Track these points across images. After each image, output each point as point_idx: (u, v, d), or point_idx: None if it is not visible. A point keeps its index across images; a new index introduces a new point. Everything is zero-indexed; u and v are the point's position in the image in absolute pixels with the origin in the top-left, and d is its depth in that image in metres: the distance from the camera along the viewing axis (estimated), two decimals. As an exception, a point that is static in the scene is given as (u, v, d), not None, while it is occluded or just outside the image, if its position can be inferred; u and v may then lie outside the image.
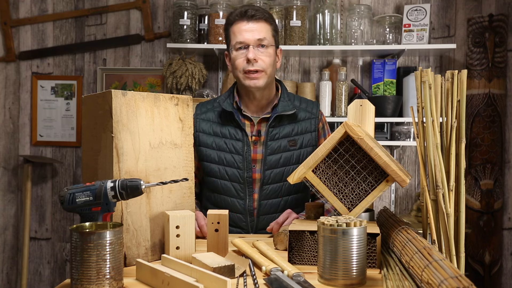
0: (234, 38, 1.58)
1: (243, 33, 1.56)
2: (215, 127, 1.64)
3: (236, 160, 1.59)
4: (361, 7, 2.77)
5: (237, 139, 1.60)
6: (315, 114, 1.67)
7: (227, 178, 1.60)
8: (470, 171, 2.77)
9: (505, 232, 2.87)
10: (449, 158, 1.09)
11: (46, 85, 3.04)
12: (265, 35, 1.57)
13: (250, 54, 1.54)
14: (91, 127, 1.16)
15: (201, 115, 1.68)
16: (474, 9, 2.88)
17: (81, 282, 0.89)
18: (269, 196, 1.60)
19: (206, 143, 1.64)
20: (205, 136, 1.64)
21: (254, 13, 1.56)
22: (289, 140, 1.61)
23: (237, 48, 1.58)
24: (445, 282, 0.76)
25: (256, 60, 1.55)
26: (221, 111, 1.65)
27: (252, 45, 1.55)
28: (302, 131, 1.63)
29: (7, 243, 3.06)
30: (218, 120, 1.65)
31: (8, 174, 3.08)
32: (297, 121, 1.64)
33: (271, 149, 1.60)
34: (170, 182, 1.07)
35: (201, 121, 1.67)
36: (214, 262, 0.99)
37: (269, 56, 1.58)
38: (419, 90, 1.13)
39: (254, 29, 1.56)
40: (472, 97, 2.77)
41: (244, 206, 1.59)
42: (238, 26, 1.58)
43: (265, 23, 1.58)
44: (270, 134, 1.60)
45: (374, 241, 1.08)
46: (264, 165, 1.59)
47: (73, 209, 1.00)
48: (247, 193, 1.59)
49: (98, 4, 3.02)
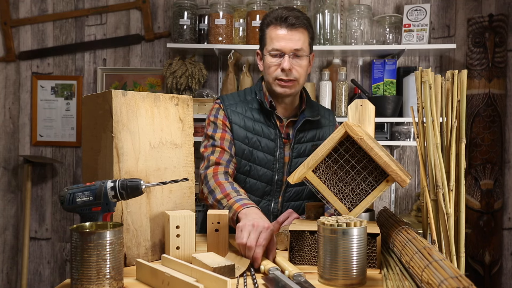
0: (271, 44, 1.53)
1: (281, 41, 1.51)
2: (248, 121, 1.58)
3: (268, 159, 1.56)
4: (361, 7, 2.77)
5: (270, 138, 1.57)
6: (332, 122, 1.72)
7: (257, 177, 1.57)
8: (470, 171, 2.77)
9: (505, 232, 2.87)
10: (449, 158, 1.09)
11: (46, 85, 3.04)
12: (302, 45, 1.52)
13: (286, 64, 1.51)
14: (91, 127, 1.16)
15: (231, 106, 1.61)
16: (474, 9, 2.88)
17: (81, 282, 0.89)
18: (292, 198, 1.60)
19: (239, 136, 1.57)
20: (238, 128, 1.58)
21: (294, 21, 1.51)
22: (313, 144, 1.62)
23: (273, 54, 1.54)
24: (445, 282, 0.76)
25: (291, 71, 1.52)
26: (254, 107, 1.60)
27: (288, 54, 1.51)
28: (324, 136, 1.64)
29: (7, 243, 3.06)
30: (250, 115, 1.59)
31: (8, 174, 3.08)
32: (320, 127, 1.66)
33: (297, 152, 1.59)
34: (170, 182, 1.07)
35: (232, 112, 1.60)
36: (214, 262, 1.00)
37: (303, 67, 1.54)
38: (419, 90, 1.13)
39: (293, 38, 1.51)
40: (472, 97, 2.77)
41: (268, 207, 1.58)
42: (276, 31, 1.52)
43: (304, 31, 1.53)
44: (297, 138, 1.59)
45: (374, 241, 1.08)
46: (290, 167, 1.58)
47: (73, 209, 1.00)
48: (273, 195, 1.58)
49: (98, 4, 3.02)
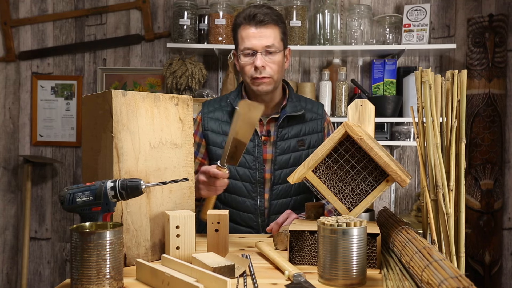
0: (242, 43, 1.55)
1: (251, 39, 1.53)
2: (224, 126, 1.63)
3: (247, 160, 1.58)
4: (361, 7, 2.77)
5: None
6: (320, 115, 1.68)
7: (238, 178, 1.60)
8: (470, 171, 2.77)
9: (505, 232, 2.87)
10: (449, 158, 1.09)
11: (46, 85, 3.04)
12: (273, 41, 1.54)
13: (258, 62, 1.52)
14: (91, 127, 1.16)
15: (209, 113, 1.66)
16: (474, 9, 2.88)
17: (81, 282, 0.89)
18: (280, 196, 1.60)
19: (215, 142, 1.63)
20: (214, 135, 1.63)
21: (263, 18, 1.52)
22: (298, 140, 1.62)
23: (245, 54, 1.55)
24: (445, 282, 0.76)
25: (264, 68, 1.54)
26: (231, 110, 1.63)
27: (260, 51, 1.53)
28: (310, 131, 1.64)
29: (7, 243, 3.06)
30: (227, 119, 1.63)
31: (8, 174, 3.07)
32: (305, 121, 1.65)
33: (281, 149, 1.60)
34: (170, 182, 1.07)
35: (209, 120, 1.65)
36: (214, 262, 0.99)
37: (277, 63, 1.56)
38: (419, 90, 1.13)
39: (263, 35, 1.53)
40: (472, 97, 2.77)
41: (255, 206, 1.59)
42: (246, 31, 1.54)
43: (274, 27, 1.55)
44: (280, 134, 1.60)
45: (374, 241, 1.08)
46: (275, 165, 1.59)
47: (73, 209, 1.00)
48: (258, 193, 1.59)
49: (98, 4, 3.02)
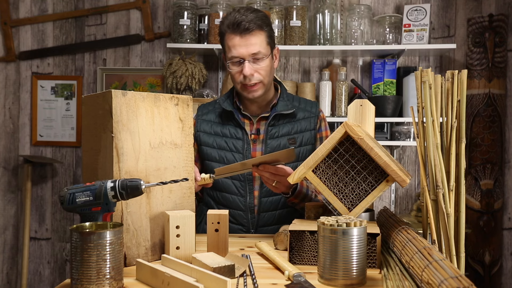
0: (229, 52, 1.56)
1: (237, 48, 1.53)
2: (216, 127, 1.67)
3: (236, 159, 1.60)
4: (361, 7, 2.77)
5: (237, 138, 1.62)
6: (314, 113, 1.68)
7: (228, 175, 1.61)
8: (470, 171, 2.77)
9: (505, 232, 2.87)
10: (449, 158, 1.09)
11: (46, 85, 3.04)
12: (260, 48, 1.54)
13: (246, 70, 1.53)
14: (91, 127, 1.16)
15: (202, 116, 1.71)
16: (474, 9, 2.88)
17: (81, 282, 0.89)
18: (269, 193, 1.61)
19: (207, 143, 1.66)
20: (206, 136, 1.67)
21: (247, 26, 1.51)
22: (289, 138, 1.63)
23: (233, 62, 1.56)
24: (445, 282, 0.76)
25: (253, 75, 1.54)
26: (221, 111, 1.67)
27: (247, 59, 1.53)
28: (302, 129, 1.65)
29: (7, 243, 3.06)
30: (219, 120, 1.67)
31: (8, 174, 3.07)
32: (296, 120, 1.65)
33: (270, 147, 1.61)
34: (170, 182, 1.07)
35: (202, 122, 1.70)
36: (214, 262, 0.99)
37: (265, 68, 1.56)
38: (419, 90, 1.13)
39: (248, 43, 1.52)
40: (472, 97, 2.77)
41: (245, 204, 1.61)
42: (232, 40, 1.54)
43: (259, 32, 1.54)
44: (270, 133, 1.62)
45: (374, 241, 1.08)
46: None
47: (73, 209, 1.00)
48: (247, 190, 1.61)
49: (98, 4, 3.02)
